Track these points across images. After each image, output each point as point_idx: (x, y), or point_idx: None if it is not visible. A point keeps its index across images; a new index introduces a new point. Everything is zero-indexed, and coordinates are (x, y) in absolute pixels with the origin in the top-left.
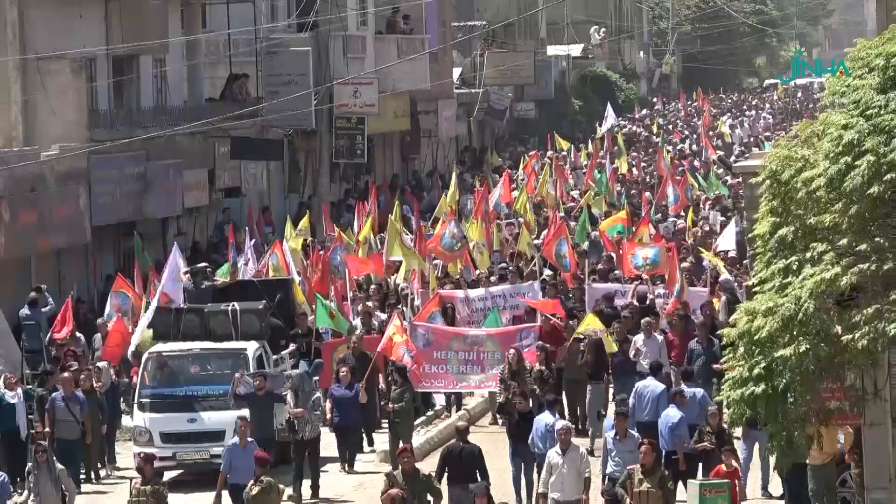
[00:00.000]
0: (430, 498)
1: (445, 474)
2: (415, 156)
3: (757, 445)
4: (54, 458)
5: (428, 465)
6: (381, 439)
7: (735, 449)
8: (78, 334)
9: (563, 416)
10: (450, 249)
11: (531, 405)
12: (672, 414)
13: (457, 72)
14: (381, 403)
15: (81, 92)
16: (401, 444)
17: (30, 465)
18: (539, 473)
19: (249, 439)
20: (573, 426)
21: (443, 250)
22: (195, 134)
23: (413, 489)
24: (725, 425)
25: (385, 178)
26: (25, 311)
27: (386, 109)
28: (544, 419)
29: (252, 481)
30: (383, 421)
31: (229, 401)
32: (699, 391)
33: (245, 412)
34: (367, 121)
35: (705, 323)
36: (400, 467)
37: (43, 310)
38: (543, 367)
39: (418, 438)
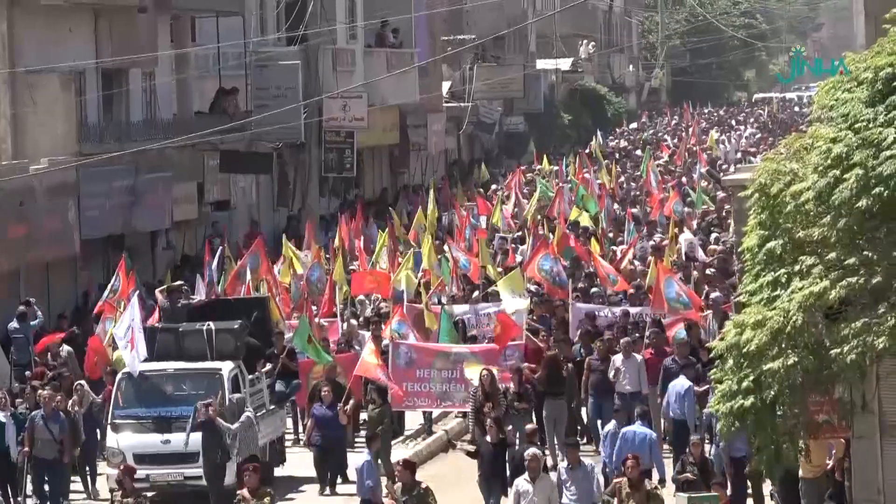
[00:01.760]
0: None
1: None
2: (404, 170)
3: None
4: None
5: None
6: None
7: (723, 481)
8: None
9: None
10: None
11: (505, 431)
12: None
13: (446, 85)
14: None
15: (70, 105)
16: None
17: None
18: None
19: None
20: (542, 454)
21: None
22: (184, 147)
23: (410, 502)
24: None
25: (374, 191)
26: (14, 324)
27: (375, 123)
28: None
29: (249, 493)
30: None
31: (189, 430)
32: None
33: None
34: (356, 134)
35: (687, 341)
36: (398, 481)
37: (32, 323)
38: (518, 390)
39: (406, 452)
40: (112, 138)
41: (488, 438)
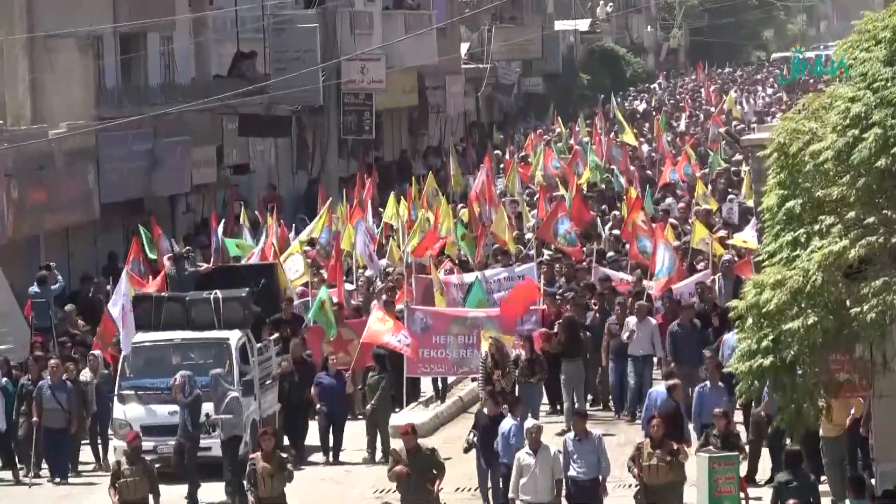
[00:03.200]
0: (434, 472)
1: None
2: (423, 131)
3: None
4: None
5: (434, 441)
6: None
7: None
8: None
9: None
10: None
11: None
12: None
13: (464, 47)
14: (359, 388)
15: (89, 70)
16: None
17: None
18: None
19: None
20: (542, 426)
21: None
22: (203, 111)
23: (416, 465)
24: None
25: (394, 154)
26: (34, 288)
27: (394, 85)
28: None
29: (264, 458)
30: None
31: (181, 399)
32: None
33: None
34: (374, 97)
35: (691, 305)
36: (403, 445)
37: (52, 287)
38: (529, 356)
39: (427, 414)
40: (130, 103)
41: (485, 411)
